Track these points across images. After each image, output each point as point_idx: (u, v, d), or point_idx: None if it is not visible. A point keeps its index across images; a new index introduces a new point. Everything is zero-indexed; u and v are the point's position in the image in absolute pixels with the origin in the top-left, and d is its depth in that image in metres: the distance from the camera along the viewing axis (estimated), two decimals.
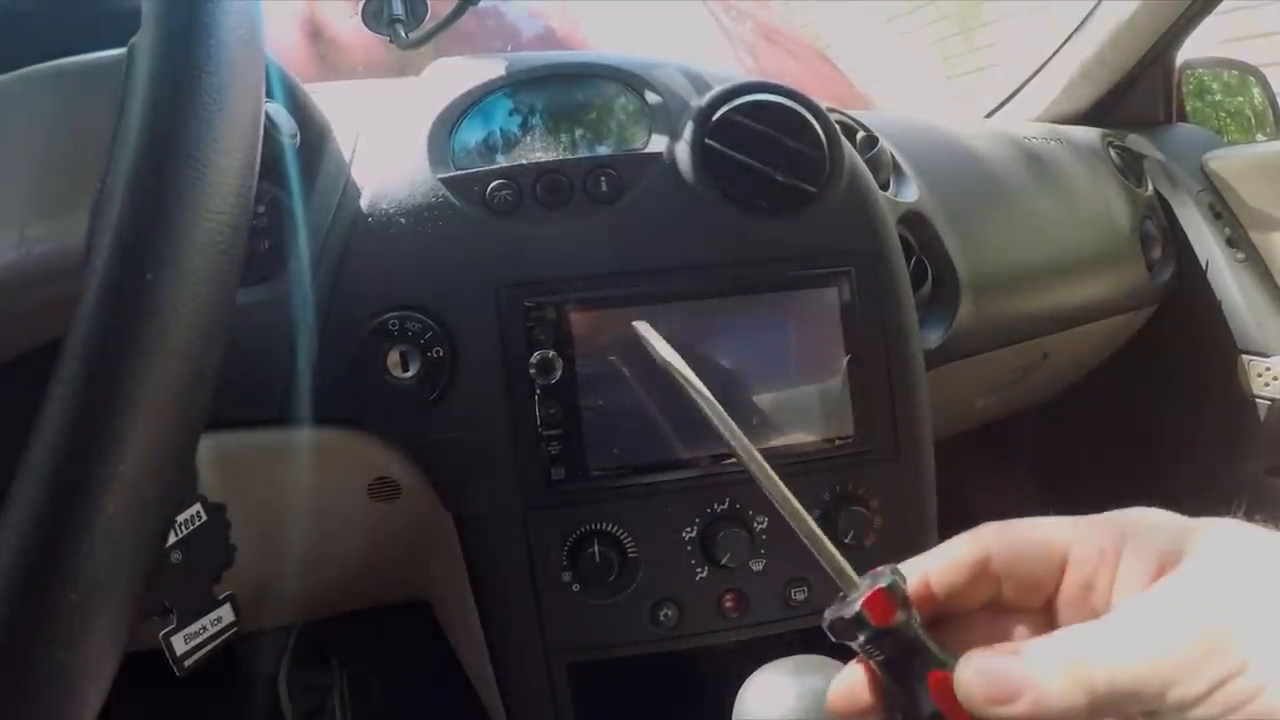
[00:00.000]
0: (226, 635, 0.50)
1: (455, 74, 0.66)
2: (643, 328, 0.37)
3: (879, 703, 0.32)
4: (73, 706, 0.27)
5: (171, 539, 0.44)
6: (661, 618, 0.61)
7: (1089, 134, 1.20)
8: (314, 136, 0.63)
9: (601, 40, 1.55)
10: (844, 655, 0.55)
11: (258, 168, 0.32)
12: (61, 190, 0.32)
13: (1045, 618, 0.31)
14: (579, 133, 0.65)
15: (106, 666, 0.28)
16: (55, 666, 0.25)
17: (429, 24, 0.74)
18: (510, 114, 0.65)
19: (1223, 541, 0.28)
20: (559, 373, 0.59)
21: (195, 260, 0.28)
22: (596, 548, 0.60)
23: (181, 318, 0.27)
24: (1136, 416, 1.27)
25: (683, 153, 0.63)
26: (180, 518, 0.48)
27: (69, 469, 0.25)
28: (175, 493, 0.28)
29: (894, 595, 0.30)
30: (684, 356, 0.63)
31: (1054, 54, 1.31)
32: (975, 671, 0.29)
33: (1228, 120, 1.46)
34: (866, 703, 0.32)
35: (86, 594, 0.25)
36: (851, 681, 0.33)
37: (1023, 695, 0.28)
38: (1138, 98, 1.31)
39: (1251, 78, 1.43)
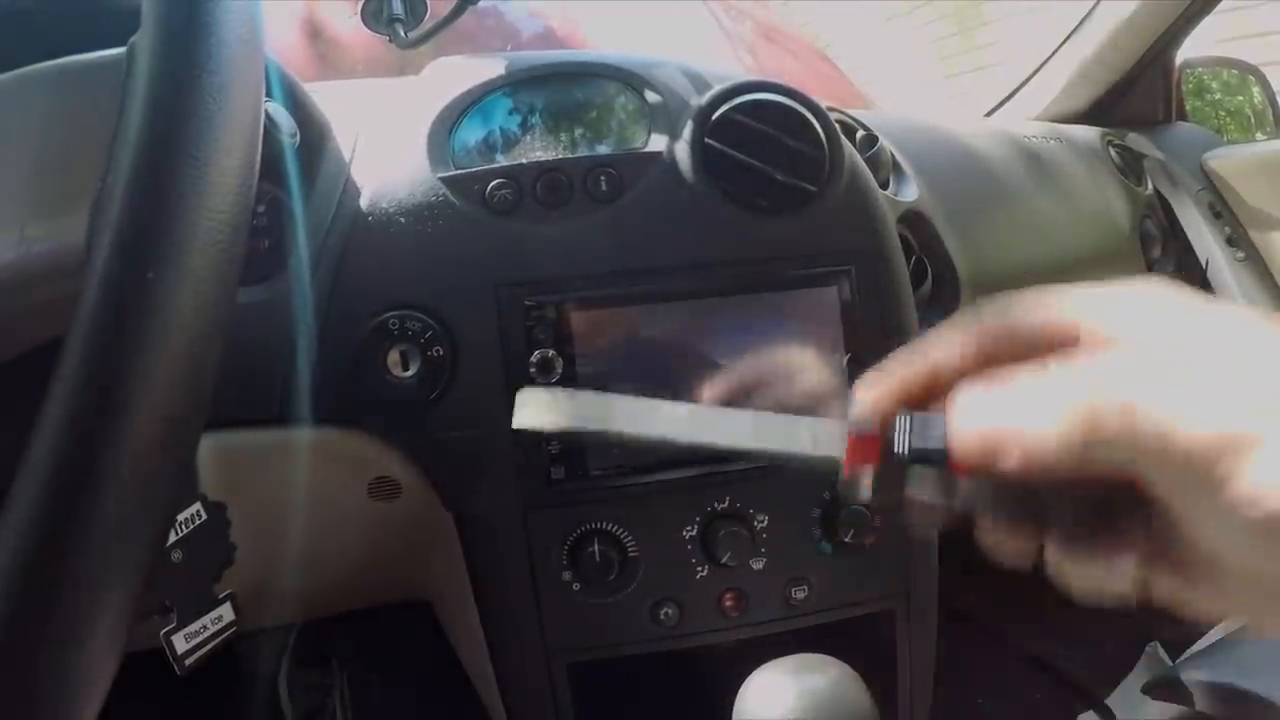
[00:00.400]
0: (227, 634, 0.50)
1: (455, 73, 0.66)
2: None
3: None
4: (74, 705, 0.27)
5: (172, 538, 0.44)
6: (662, 617, 0.62)
7: (1089, 133, 1.20)
8: (314, 136, 0.63)
9: (601, 40, 1.56)
10: (843, 655, 0.56)
11: (258, 167, 0.32)
12: (61, 189, 0.32)
13: None
14: (579, 132, 0.65)
15: (107, 666, 0.28)
16: (56, 666, 0.25)
17: (428, 23, 0.74)
18: (510, 113, 0.65)
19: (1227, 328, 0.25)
20: (559, 371, 0.59)
21: (196, 259, 0.28)
22: (597, 547, 0.60)
23: (182, 316, 0.27)
24: None
25: (682, 152, 0.63)
26: (180, 516, 0.48)
27: (69, 467, 0.25)
28: (176, 491, 0.28)
29: (863, 438, 0.28)
30: (684, 355, 0.63)
31: (1054, 53, 1.31)
32: (959, 422, 0.26)
33: (1227, 119, 1.47)
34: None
35: (87, 593, 0.25)
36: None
37: (1010, 443, 0.25)
38: (1137, 97, 1.31)
39: (1251, 77, 1.43)
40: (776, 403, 0.63)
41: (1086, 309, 0.27)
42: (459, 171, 0.62)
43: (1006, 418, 0.25)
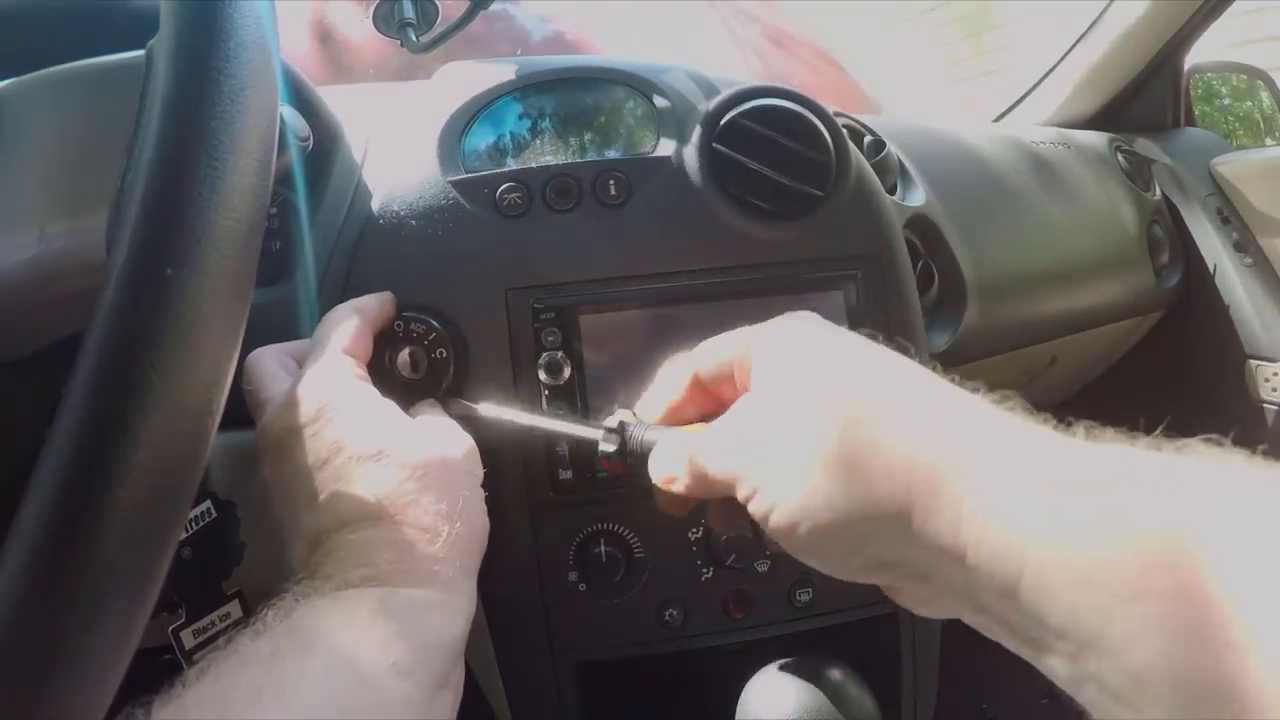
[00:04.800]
0: (235, 631, 0.50)
1: (465, 78, 0.67)
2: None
3: None
4: (85, 700, 0.27)
5: (181, 535, 0.45)
6: (667, 618, 0.62)
7: (1096, 138, 1.20)
8: (326, 140, 0.64)
9: (611, 43, 1.56)
10: (847, 657, 0.56)
11: (274, 167, 0.33)
12: (81, 188, 0.33)
13: None
14: (588, 136, 0.66)
15: (121, 659, 0.28)
16: (69, 660, 0.26)
17: (440, 27, 0.75)
18: (520, 117, 0.65)
19: (767, 366, 0.37)
20: (567, 374, 0.60)
21: (214, 257, 0.28)
22: (603, 548, 0.60)
23: (200, 314, 0.28)
24: (1143, 421, 1.27)
25: (690, 157, 0.63)
26: (191, 514, 0.48)
27: (89, 461, 0.25)
28: (192, 486, 0.28)
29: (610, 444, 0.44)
30: None
31: (1062, 58, 1.31)
32: (649, 465, 0.42)
33: (1236, 124, 1.46)
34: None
35: (103, 583, 0.25)
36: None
37: (667, 483, 0.40)
38: (1146, 102, 1.31)
39: (1260, 81, 1.43)
40: None
41: (729, 368, 0.40)
42: (469, 175, 0.62)
43: (658, 469, 0.41)
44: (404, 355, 0.58)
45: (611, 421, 0.44)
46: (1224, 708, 0.23)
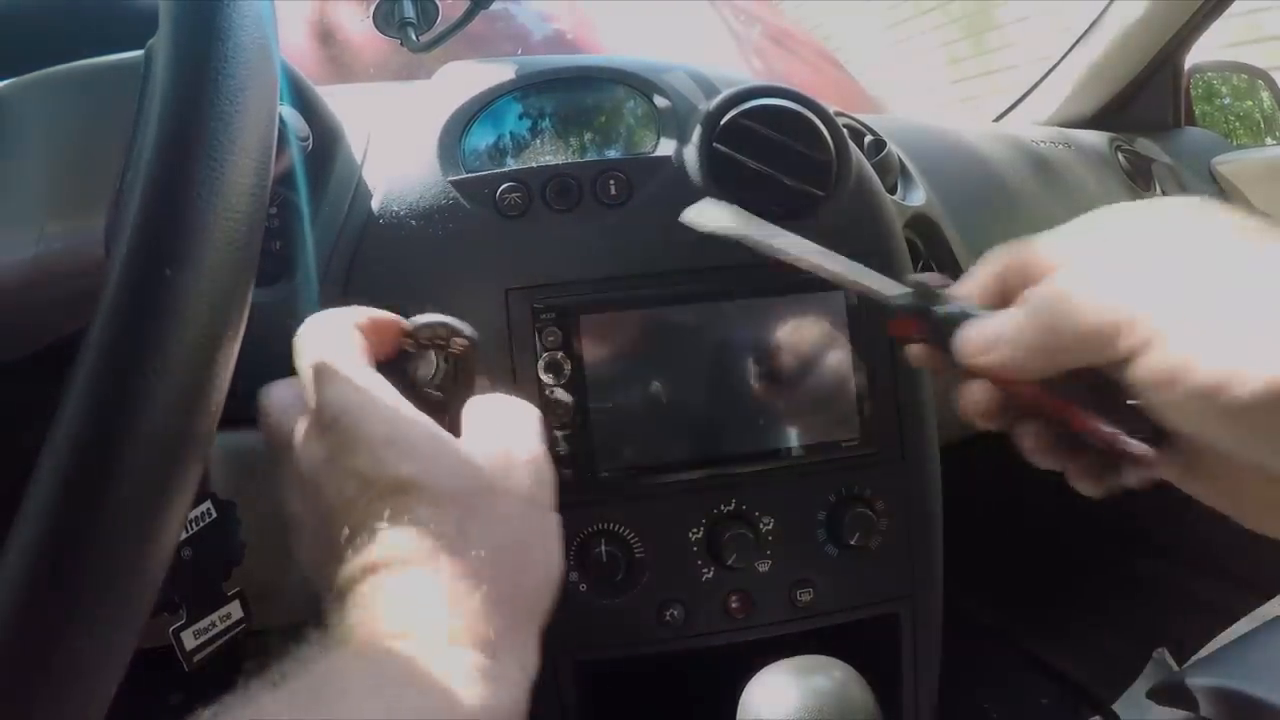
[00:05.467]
0: (236, 632, 0.50)
1: (466, 77, 0.67)
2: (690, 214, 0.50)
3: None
4: (86, 699, 0.27)
5: (181, 535, 0.45)
6: (668, 618, 0.62)
7: (1097, 138, 1.20)
8: (326, 139, 0.64)
9: (612, 42, 1.56)
10: (847, 657, 0.56)
11: (273, 167, 0.33)
12: (80, 188, 0.33)
13: None
14: (588, 136, 0.66)
15: (120, 660, 0.28)
16: (69, 660, 0.26)
17: (440, 27, 0.75)
18: (520, 117, 0.65)
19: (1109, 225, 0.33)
20: (567, 374, 0.60)
21: (213, 257, 0.28)
22: (604, 548, 0.60)
23: (200, 313, 0.28)
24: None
25: (691, 156, 0.63)
26: (191, 514, 0.48)
27: (89, 460, 0.25)
28: (191, 487, 0.28)
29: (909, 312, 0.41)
30: (692, 358, 0.64)
31: (1063, 58, 1.31)
32: (960, 334, 0.36)
33: (1236, 124, 1.46)
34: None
35: (101, 585, 0.25)
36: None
37: (990, 351, 0.34)
38: (1146, 101, 1.31)
39: (1260, 81, 1.43)
40: (785, 404, 0.63)
41: (1041, 246, 0.35)
42: (469, 175, 0.62)
43: (981, 334, 0.35)
44: (423, 366, 0.57)
45: (912, 282, 0.40)
46: None
